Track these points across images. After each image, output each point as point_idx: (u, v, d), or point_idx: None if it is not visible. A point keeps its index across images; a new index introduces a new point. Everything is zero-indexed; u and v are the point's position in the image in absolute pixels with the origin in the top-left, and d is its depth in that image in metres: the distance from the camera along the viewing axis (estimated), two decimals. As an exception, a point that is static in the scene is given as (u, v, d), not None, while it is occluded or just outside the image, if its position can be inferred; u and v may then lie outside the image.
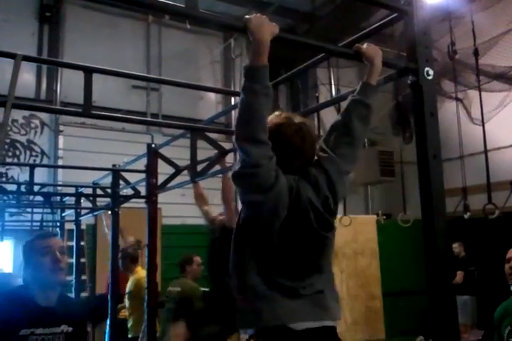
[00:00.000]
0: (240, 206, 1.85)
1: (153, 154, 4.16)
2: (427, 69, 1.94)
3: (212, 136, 3.75)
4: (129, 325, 5.19)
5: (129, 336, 5.16)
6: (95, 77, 2.49)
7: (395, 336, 7.68)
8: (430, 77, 1.95)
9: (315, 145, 1.90)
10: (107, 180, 5.05)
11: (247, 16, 1.69)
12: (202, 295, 4.89)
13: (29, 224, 6.61)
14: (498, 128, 7.55)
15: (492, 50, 7.06)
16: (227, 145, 3.90)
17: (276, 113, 1.89)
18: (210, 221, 4.71)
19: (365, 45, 1.99)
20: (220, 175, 4.22)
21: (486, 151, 6.23)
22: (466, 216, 6.73)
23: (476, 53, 6.18)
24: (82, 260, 7.01)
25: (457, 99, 7.88)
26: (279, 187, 1.69)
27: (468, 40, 6.31)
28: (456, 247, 7.61)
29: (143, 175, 4.41)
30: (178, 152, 4.25)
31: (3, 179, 7.17)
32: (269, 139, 1.71)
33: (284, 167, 1.74)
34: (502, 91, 7.50)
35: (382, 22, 2.18)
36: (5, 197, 6.07)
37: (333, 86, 9.48)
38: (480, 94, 6.30)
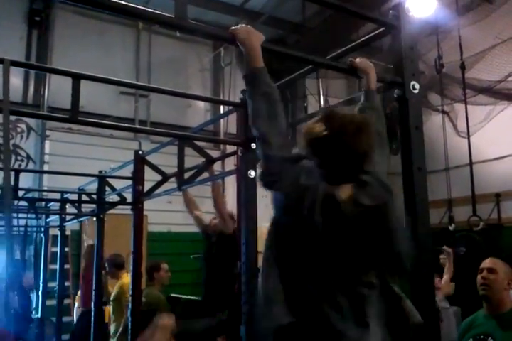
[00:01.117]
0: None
1: (140, 161, 4.16)
2: (413, 83, 1.97)
3: (200, 144, 3.76)
4: (112, 331, 5.14)
5: None
6: (83, 82, 2.49)
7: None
8: (416, 91, 1.98)
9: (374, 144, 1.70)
10: (93, 186, 5.02)
11: (233, 28, 1.71)
12: (166, 303, 4.86)
13: (13, 229, 6.53)
14: (484, 141, 7.63)
15: (479, 64, 7.16)
16: (214, 154, 3.91)
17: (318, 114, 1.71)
18: (204, 226, 4.71)
19: (358, 60, 2.02)
20: (208, 183, 4.23)
21: (471, 164, 6.31)
22: (451, 227, 6.79)
23: (462, 67, 6.28)
24: (66, 266, 6.94)
25: (443, 112, 7.98)
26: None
27: (455, 54, 6.41)
28: (444, 258, 7.62)
29: (129, 182, 4.40)
30: (166, 159, 4.25)
31: (-12, 183, 7.08)
32: (323, 148, 1.59)
33: (345, 174, 1.59)
34: (488, 104, 7.60)
35: (370, 35, 2.21)
36: (-12, 202, 5.99)
37: (321, 96, 9.53)
38: (466, 108, 6.39)
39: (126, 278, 4.98)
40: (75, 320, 6.33)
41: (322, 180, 1.57)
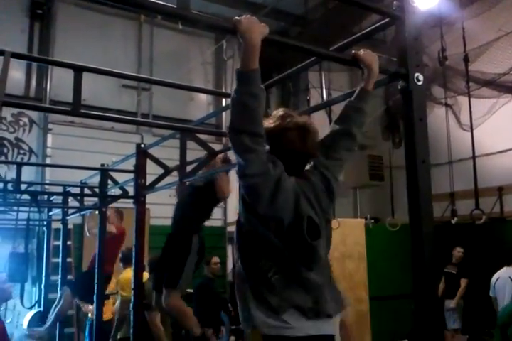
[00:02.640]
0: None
1: (142, 154, 4.14)
2: (417, 74, 1.95)
3: (202, 137, 3.74)
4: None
5: (119, 337, 5.14)
6: (85, 75, 2.48)
7: (382, 340, 7.70)
8: (420, 83, 1.95)
9: (317, 147, 1.94)
10: (95, 180, 5.02)
11: (236, 18, 1.67)
12: None
13: (15, 222, 6.55)
14: (487, 134, 7.60)
15: (482, 56, 7.11)
16: (217, 147, 3.89)
17: (275, 112, 1.92)
18: None
19: (361, 51, 2.00)
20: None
21: (474, 157, 6.28)
22: (453, 221, 6.78)
23: (466, 59, 6.23)
24: (69, 259, 6.96)
25: (447, 105, 7.94)
26: (280, 181, 1.76)
27: (458, 47, 6.36)
28: (460, 251, 7.58)
29: (131, 175, 4.39)
30: (168, 152, 4.23)
31: (-10, 177, 7.10)
32: (270, 142, 1.80)
33: (286, 169, 1.80)
34: (491, 97, 7.56)
35: (373, 27, 2.18)
36: (-9, 195, 6.01)
37: (324, 89, 9.50)
38: (469, 100, 6.35)
39: (126, 272, 5.06)
40: None
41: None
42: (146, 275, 4.68)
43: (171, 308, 3.96)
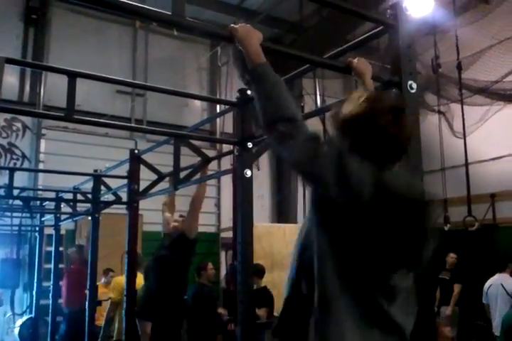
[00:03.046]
0: None
1: (135, 160, 4.14)
2: (410, 82, 1.96)
3: (196, 143, 3.74)
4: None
5: (114, 339, 5.17)
6: (80, 81, 2.47)
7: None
8: (413, 91, 1.97)
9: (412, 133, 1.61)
10: (88, 185, 5.00)
11: (232, 25, 1.69)
12: None
13: (7, 228, 6.51)
14: (480, 142, 7.65)
15: (475, 64, 7.17)
16: (211, 153, 3.89)
17: (357, 94, 1.57)
18: (167, 229, 4.70)
19: (355, 60, 2.01)
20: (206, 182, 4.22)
21: (467, 164, 6.32)
22: (446, 228, 6.80)
23: (459, 67, 6.28)
24: (61, 265, 6.91)
25: (440, 112, 7.99)
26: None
27: (452, 54, 6.42)
28: (453, 257, 7.59)
29: (125, 181, 4.38)
30: (161, 158, 4.23)
31: (-18, 182, 7.05)
32: (356, 130, 1.49)
33: (378, 163, 1.46)
34: (484, 105, 7.61)
35: (367, 35, 2.20)
36: (-17, 201, 5.97)
37: (318, 96, 9.54)
38: (462, 108, 6.40)
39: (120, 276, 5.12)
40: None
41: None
42: (141, 281, 4.67)
43: None
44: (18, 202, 5.40)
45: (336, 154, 1.40)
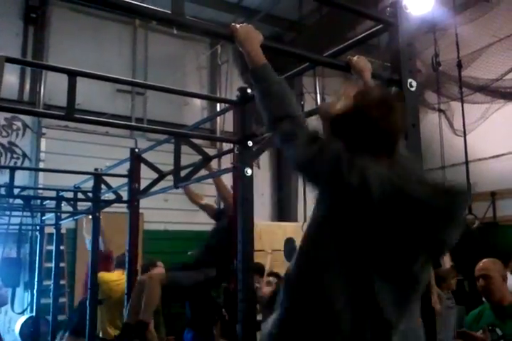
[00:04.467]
0: None
1: (136, 159, 4.14)
2: (410, 80, 1.96)
3: (197, 141, 3.74)
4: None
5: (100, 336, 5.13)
6: (80, 80, 2.47)
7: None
8: (413, 89, 1.97)
9: (403, 122, 1.61)
10: (89, 184, 5.00)
11: (233, 24, 1.69)
12: None
13: (8, 227, 6.51)
14: (480, 140, 7.65)
15: (475, 62, 7.16)
16: (211, 152, 3.90)
17: (345, 92, 1.59)
18: (212, 211, 4.67)
19: (355, 58, 2.01)
20: (204, 182, 4.22)
21: (467, 162, 6.31)
22: (446, 226, 6.79)
23: (459, 65, 6.27)
24: (62, 264, 6.92)
25: (440, 111, 7.98)
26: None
27: (452, 52, 6.40)
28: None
29: (125, 180, 4.38)
30: (162, 157, 4.23)
31: (-17, 181, 7.06)
32: (347, 126, 1.51)
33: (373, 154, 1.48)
34: (484, 103, 7.61)
35: (367, 33, 2.20)
36: (-17, 200, 5.98)
37: (318, 94, 9.53)
38: (462, 106, 6.39)
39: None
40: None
41: None
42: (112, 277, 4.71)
43: (148, 279, 3.89)
44: (18, 201, 5.40)
45: (337, 155, 1.42)
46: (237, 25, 1.71)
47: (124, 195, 4.49)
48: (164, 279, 3.93)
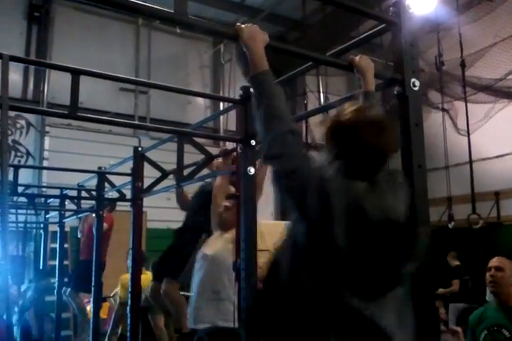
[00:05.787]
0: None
1: (139, 157, 4.14)
2: (413, 80, 1.96)
3: (200, 140, 3.74)
4: None
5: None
6: (83, 78, 2.48)
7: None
8: (416, 88, 1.97)
9: (396, 143, 1.63)
10: (93, 183, 5.01)
11: (238, 24, 1.69)
12: None
13: (12, 225, 6.53)
14: (484, 139, 7.64)
15: (479, 62, 7.15)
16: (214, 151, 3.89)
17: (345, 108, 1.62)
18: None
19: (358, 57, 2.01)
20: (207, 179, 4.21)
21: (471, 162, 6.31)
22: (450, 225, 6.80)
23: (462, 65, 6.26)
24: (66, 262, 6.94)
25: (443, 110, 7.98)
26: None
27: (455, 52, 6.40)
28: (449, 256, 7.63)
29: (129, 178, 4.38)
30: (165, 156, 4.23)
31: (-13, 179, 7.07)
32: (340, 140, 1.55)
33: (359, 173, 1.51)
34: (488, 102, 7.60)
35: (370, 32, 2.20)
36: (-12, 198, 5.99)
37: (321, 94, 9.53)
38: (466, 105, 6.39)
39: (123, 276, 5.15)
40: None
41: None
42: (148, 278, 4.69)
43: (167, 295, 3.97)
44: (22, 199, 5.42)
45: (318, 175, 1.48)
46: (242, 25, 1.71)
47: (128, 194, 4.49)
48: (177, 283, 4.02)
